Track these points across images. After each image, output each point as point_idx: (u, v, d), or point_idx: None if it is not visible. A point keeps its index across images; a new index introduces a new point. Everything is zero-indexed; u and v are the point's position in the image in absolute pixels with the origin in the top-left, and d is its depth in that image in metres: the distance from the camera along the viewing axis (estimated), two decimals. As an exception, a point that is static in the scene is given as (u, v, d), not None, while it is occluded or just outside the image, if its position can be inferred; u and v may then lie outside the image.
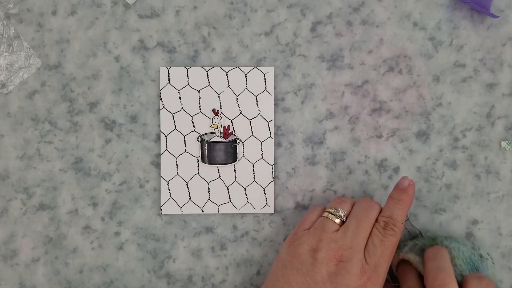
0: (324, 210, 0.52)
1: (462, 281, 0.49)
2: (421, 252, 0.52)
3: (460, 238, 0.54)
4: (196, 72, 0.56)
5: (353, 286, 0.47)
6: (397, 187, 0.52)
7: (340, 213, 0.50)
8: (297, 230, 0.51)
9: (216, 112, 0.56)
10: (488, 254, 0.52)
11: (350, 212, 0.51)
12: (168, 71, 0.56)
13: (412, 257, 0.51)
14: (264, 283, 0.51)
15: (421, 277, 0.51)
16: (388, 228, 0.49)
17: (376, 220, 0.50)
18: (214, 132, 0.56)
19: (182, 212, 0.56)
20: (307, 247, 0.49)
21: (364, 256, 0.48)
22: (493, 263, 0.52)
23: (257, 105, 0.56)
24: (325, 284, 0.47)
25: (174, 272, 0.56)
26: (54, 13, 0.56)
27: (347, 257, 0.48)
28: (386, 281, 0.55)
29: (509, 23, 0.56)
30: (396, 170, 0.56)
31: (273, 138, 0.56)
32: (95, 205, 0.56)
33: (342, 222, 0.50)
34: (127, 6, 0.56)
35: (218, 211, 0.56)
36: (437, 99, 0.56)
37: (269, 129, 0.56)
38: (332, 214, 0.50)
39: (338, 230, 0.49)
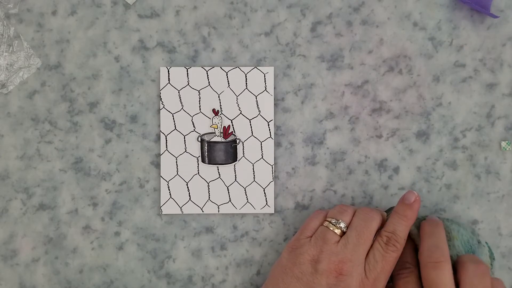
0: (325, 218, 0.52)
1: (457, 262, 0.49)
2: None
3: (461, 222, 0.54)
4: (196, 72, 0.56)
5: None
6: (402, 201, 0.51)
7: (341, 224, 0.50)
8: (299, 236, 0.51)
9: (216, 112, 0.56)
10: (486, 242, 0.52)
11: (351, 221, 0.51)
12: (168, 71, 0.56)
13: (412, 229, 0.52)
14: (264, 285, 0.51)
15: (416, 251, 0.51)
16: (390, 244, 0.49)
17: (379, 233, 0.50)
18: (214, 132, 0.56)
19: (182, 212, 0.56)
20: (308, 257, 0.49)
21: (364, 269, 0.48)
22: (490, 251, 0.52)
23: (257, 105, 0.56)
24: None
25: (174, 272, 0.56)
26: (54, 13, 0.56)
27: (347, 271, 0.48)
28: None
29: (509, 23, 0.56)
30: (396, 170, 0.56)
31: (273, 138, 0.56)
32: (95, 205, 0.56)
33: (343, 233, 0.50)
34: (127, 6, 0.56)
35: (218, 211, 0.56)
36: (437, 99, 0.56)
37: (269, 129, 0.56)
38: (333, 224, 0.50)
39: (338, 241, 0.50)
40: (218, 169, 0.56)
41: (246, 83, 0.56)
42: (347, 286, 0.48)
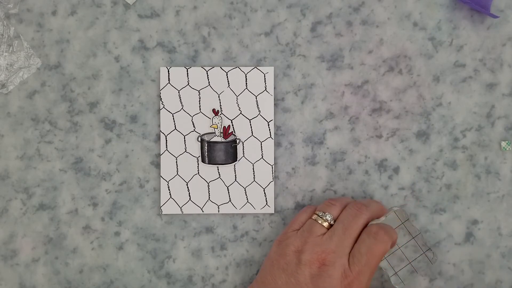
0: (314, 212, 0.52)
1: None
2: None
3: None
4: (196, 72, 0.56)
5: None
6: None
7: (328, 217, 0.51)
8: (287, 230, 0.52)
9: (216, 112, 0.56)
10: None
11: (339, 215, 0.51)
12: (168, 71, 0.56)
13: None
14: (255, 279, 0.51)
15: None
16: (378, 237, 0.49)
17: (368, 226, 0.50)
18: (214, 132, 0.56)
19: (182, 212, 0.56)
20: (293, 248, 0.50)
21: (348, 262, 0.49)
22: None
23: (257, 105, 0.56)
24: (307, 286, 0.48)
25: (174, 272, 0.56)
26: (54, 13, 0.56)
27: (330, 261, 0.48)
28: (385, 281, 0.55)
29: (509, 23, 0.56)
30: (396, 170, 0.56)
31: (273, 138, 0.56)
32: (95, 205, 0.56)
33: (330, 226, 0.50)
34: (127, 6, 0.56)
35: (218, 211, 0.56)
36: (437, 99, 0.56)
37: (269, 129, 0.56)
38: (320, 217, 0.51)
39: (325, 233, 0.50)
40: (218, 169, 0.56)
41: (246, 83, 0.56)
42: (329, 276, 0.48)
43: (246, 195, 0.56)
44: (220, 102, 0.56)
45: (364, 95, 0.56)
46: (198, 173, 0.56)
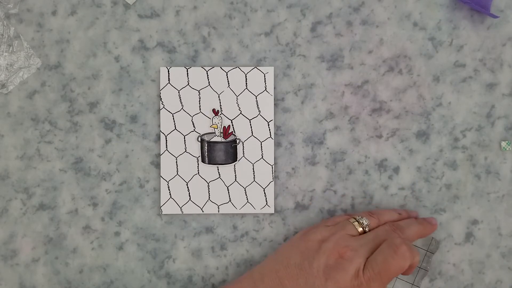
0: (351, 216, 0.53)
1: None
2: None
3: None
4: (196, 72, 0.56)
5: (342, 284, 0.48)
6: (428, 221, 0.53)
7: (364, 221, 0.51)
8: (319, 224, 0.53)
9: (216, 112, 0.56)
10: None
11: (376, 228, 0.52)
12: (168, 71, 0.56)
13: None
14: (271, 255, 0.52)
15: None
16: (400, 250, 0.48)
17: (390, 239, 0.50)
18: (214, 132, 0.56)
19: (182, 212, 0.56)
20: (319, 236, 0.50)
21: (365, 265, 0.49)
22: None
23: (257, 105, 0.56)
24: (318, 273, 0.48)
25: (174, 272, 0.56)
26: (54, 13, 0.56)
27: (349, 257, 0.49)
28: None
29: (509, 23, 0.56)
30: (396, 170, 0.56)
31: (273, 138, 0.56)
32: (95, 205, 0.56)
33: (364, 232, 0.51)
34: (127, 6, 0.56)
35: (218, 211, 0.56)
36: (437, 99, 0.56)
37: (269, 129, 0.56)
38: (357, 220, 0.51)
39: (355, 235, 0.50)
40: (218, 169, 0.56)
41: (246, 83, 0.56)
42: (343, 269, 0.48)
43: (246, 195, 0.56)
44: (220, 102, 0.56)
45: (364, 95, 0.56)
46: (198, 173, 0.56)
